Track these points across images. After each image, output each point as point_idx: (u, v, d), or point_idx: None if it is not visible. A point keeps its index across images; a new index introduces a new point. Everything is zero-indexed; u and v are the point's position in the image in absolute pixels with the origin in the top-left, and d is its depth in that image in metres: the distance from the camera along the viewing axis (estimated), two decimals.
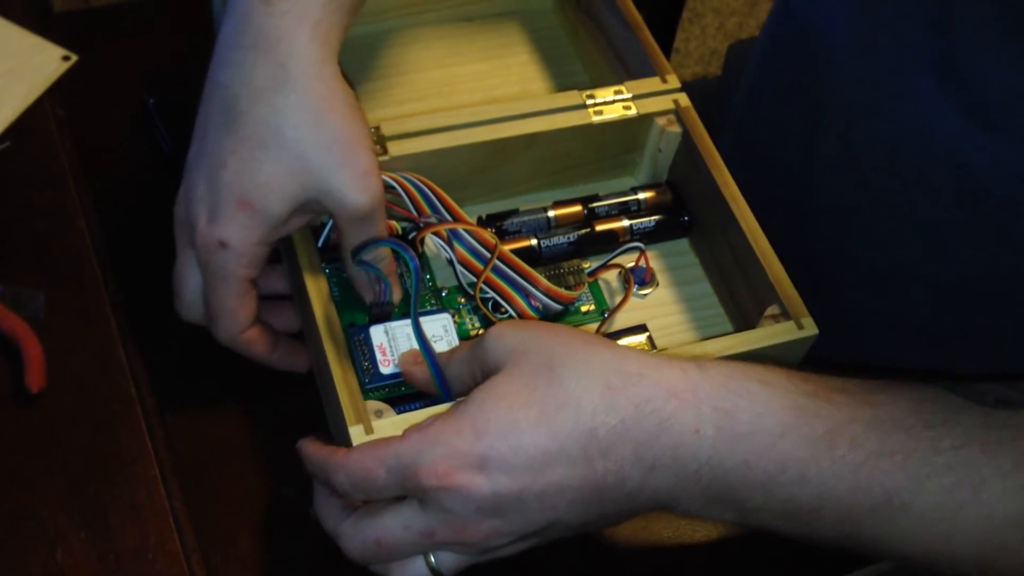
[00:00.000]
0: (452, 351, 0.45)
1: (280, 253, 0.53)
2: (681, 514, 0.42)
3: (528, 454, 0.38)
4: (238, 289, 0.46)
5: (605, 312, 0.54)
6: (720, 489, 0.40)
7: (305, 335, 0.52)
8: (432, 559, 0.41)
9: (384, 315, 0.50)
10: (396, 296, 0.49)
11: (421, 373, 0.46)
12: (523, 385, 0.39)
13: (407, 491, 0.40)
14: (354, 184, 0.44)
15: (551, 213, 0.56)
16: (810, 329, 0.49)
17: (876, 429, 0.40)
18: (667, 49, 1.10)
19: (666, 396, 0.39)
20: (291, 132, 0.43)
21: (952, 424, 0.40)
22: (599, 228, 0.56)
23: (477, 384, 0.41)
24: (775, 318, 0.50)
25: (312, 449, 0.43)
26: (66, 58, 0.64)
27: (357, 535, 0.41)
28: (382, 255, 0.47)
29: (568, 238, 0.55)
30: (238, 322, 0.47)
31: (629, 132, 0.57)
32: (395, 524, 0.40)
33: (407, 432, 0.40)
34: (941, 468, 0.40)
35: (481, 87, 0.63)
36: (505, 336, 0.41)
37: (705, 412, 0.39)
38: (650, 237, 0.57)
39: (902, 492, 0.39)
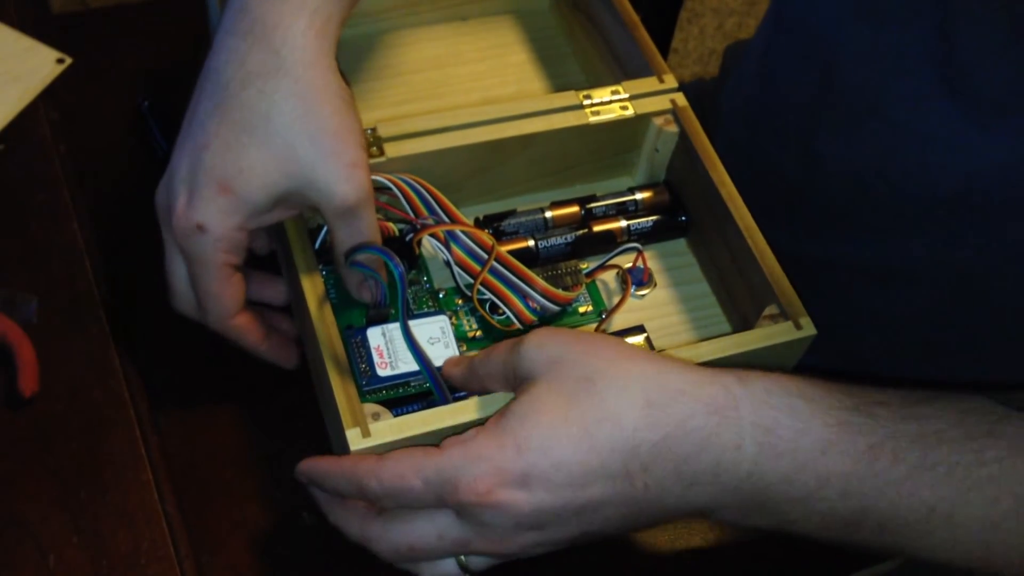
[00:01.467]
0: (490, 349, 0.44)
1: (277, 256, 0.53)
2: (716, 522, 0.42)
3: (570, 471, 0.38)
4: (219, 274, 0.45)
5: (603, 313, 0.54)
6: (759, 501, 0.40)
7: (302, 338, 0.51)
8: (463, 557, 0.41)
9: (382, 317, 0.50)
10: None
11: (459, 374, 0.45)
12: (564, 400, 0.39)
13: (444, 504, 0.39)
14: (339, 176, 0.43)
15: (548, 214, 0.56)
16: (808, 329, 0.48)
17: (919, 443, 0.40)
18: (665, 49, 1.09)
19: (708, 413, 0.39)
20: (279, 119, 0.43)
21: (996, 436, 0.40)
22: (596, 229, 0.55)
23: (509, 387, 0.41)
24: (773, 318, 0.49)
25: (327, 464, 0.42)
26: (60, 61, 0.64)
27: (390, 540, 0.41)
28: (374, 256, 0.47)
29: (565, 239, 0.55)
30: (225, 307, 0.46)
31: (626, 132, 0.56)
32: (430, 532, 0.40)
33: (448, 444, 0.39)
34: (984, 480, 0.39)
35: (478, 87, 0.63)
36: (545, 346, 0.41)
37: (746, 428, 0.39)
38: (648, 237, 0.56)
39: (944, 504, 0.39)
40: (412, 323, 0.49)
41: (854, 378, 0.42)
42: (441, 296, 0.53)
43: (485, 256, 0.51)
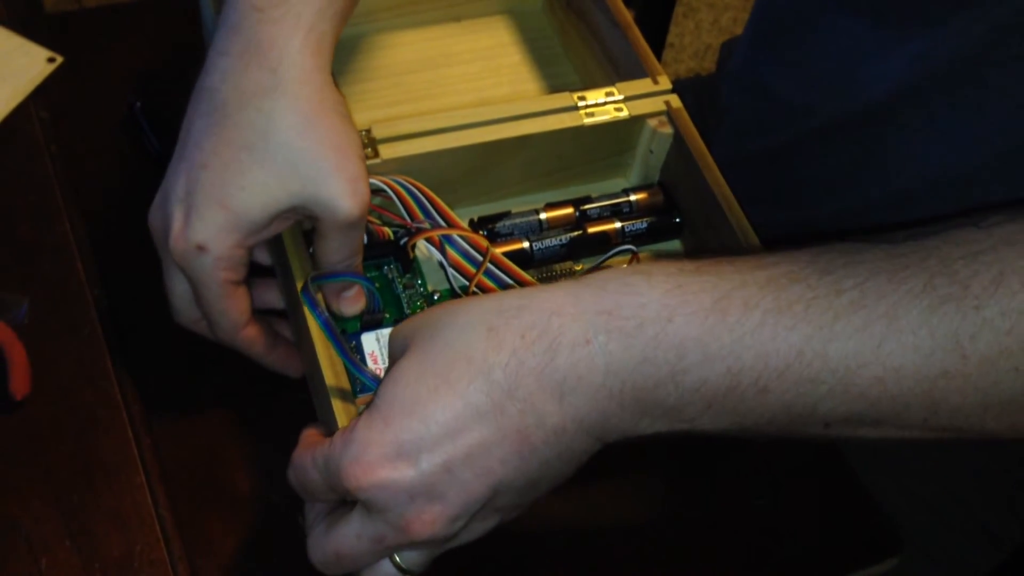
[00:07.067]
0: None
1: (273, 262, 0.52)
2: (621, 439, 0.39)
3: (439, 421, 0.37)
4: (223, 291, 0.45)
5: None
6: (634, 395, 0.38)
7: (297, 342, 0.51)
8: (397, 558, 0.40)
9: (376, 322, 0.50)
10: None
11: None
12: (416, 362, 0.38)
13: (340, 495, 0.39)
14: (343, 190, 0.43)
15: (543, 215, 0.55)
16: None
17: (770, 287, 0.37)
18: (660, 44, 1.09)
19: (548, 317, 0.38)
20: (278, 136, 0.43)
21: (853, 265, 0.38)
22: (591, 230, 0.55)
23: None
24: None
25: (302, 436, 0.42)
26: (51, 60, 0.63)
27: (320, 548, 0.40)
28: (352, 255, 0.47)
29: (560, 240, 0.55)
30: (233, 321, 0.46)
31: (620, 134, 0.56)
32: (348, 535, 0.39)
33: (335, 435, 0.39)
34: (847, 307, 0.37)
35: (472, 88, 0.63)
36: (400, 330, 0.41)
37: (589, 320, 0.37)
38: (642, 239, 0.56)
39: (812, 342, 0.37)
40: None
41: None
42: (436, 298, 0.53)
43: (480, 258, 0.51)
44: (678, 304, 0.37)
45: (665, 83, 0.56)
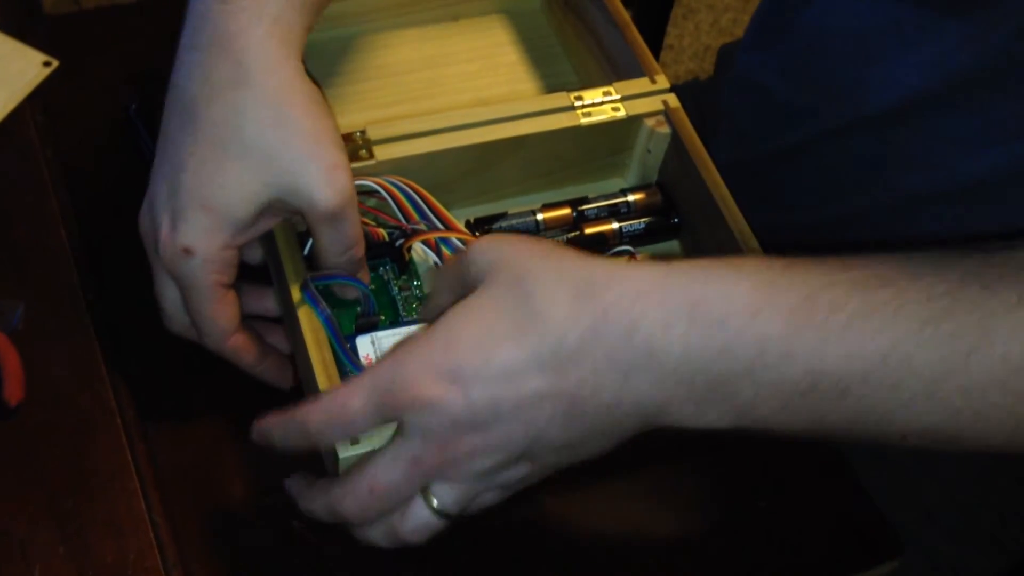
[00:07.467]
0: (442, 267, 0.44)
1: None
2: (677, 425, 0.39)
3: (499, 364, 0.37)
4: (212, 295, 0.45)
5: None
6: (706, 385, 0.37)
7: (292, 344, 0.51)
8: (432, 500, 0.40)
9: (370, 325, 0.49)
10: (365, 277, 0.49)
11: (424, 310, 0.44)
12: (495, 300, 0.38)
13: (384, 414, 0.39)
14: (320, 179, 0.43)
15: (539, 216, 0.55)
16: None
17: (859, 288, 0.37)
18: (659, 45, 1.09)
19: (633, 297, 0.38)
20: (250, 129, 0.42)
21: (945, 270, 0.37)
22: (588, 231, 0.55)
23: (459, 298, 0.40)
24: None
25: (275, 418, 0.42)
26: (47, 63, 0.63)
27: (351, 492, 0.40)
28: (346, 249, 0.46)
29: (557, 241, 0.54)
30: (221, 328, 0.46)
31: (618, 134, 0.56)
32: (383, 461, 0.39)
33: (391, 351, 0.39)
34: (938, 314, 0.36)
35: (469, 88, 0.63)
36: (487, 251, 0.40)
37: (674, 306, 0.37)
38: (640, 240, 0.56)
39: (898, 348, 0.36)
40: (402, 330, 0.49)
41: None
42: None
43: None
44: (765, 299, 0.37)
45: (663, 82, 0.56)
